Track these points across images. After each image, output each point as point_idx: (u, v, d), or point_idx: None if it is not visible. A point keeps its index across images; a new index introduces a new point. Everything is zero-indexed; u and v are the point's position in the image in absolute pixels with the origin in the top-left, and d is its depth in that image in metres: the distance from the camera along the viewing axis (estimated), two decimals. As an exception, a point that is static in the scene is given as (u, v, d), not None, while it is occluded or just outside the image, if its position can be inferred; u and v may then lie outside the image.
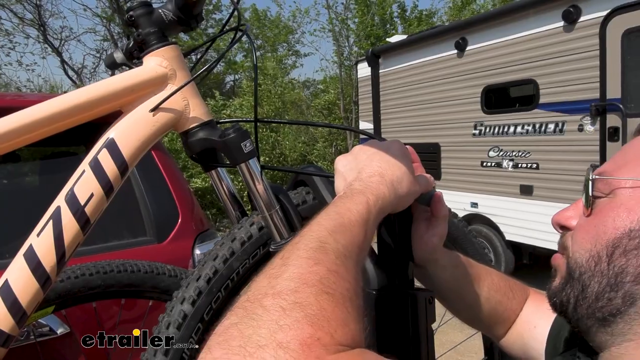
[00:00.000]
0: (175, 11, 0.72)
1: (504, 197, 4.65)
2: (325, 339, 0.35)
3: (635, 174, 0.49)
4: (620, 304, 0.47)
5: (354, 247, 0.47)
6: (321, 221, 0.48)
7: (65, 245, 0.64)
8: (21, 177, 2.47)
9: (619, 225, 0.48)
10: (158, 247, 1.75)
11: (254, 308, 0.37)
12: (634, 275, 0.46)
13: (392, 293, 0.73)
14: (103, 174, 0.67)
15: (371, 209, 0.52)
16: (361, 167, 0.60)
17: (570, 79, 4.02)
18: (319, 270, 0.41)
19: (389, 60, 5.96)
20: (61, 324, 1.45)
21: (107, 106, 0.69)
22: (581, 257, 0.51)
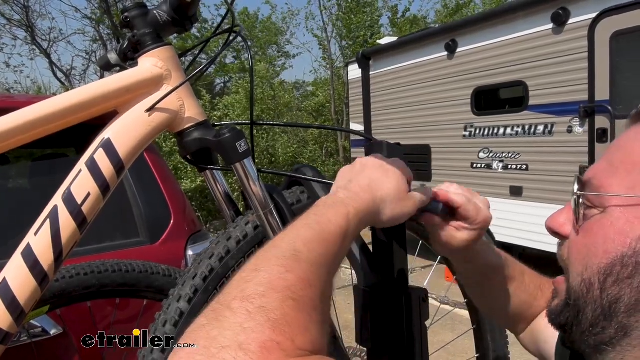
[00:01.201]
0: (170, 12, 0.73)
1: (494, 198, 4.68)
2: (285, 343, 0.36)
3: (625, 187, 0.45)
4: (614, 334, 0.45)
5: (329, 257, 0.48)
6: (300, 230, 0.49)
7: (62, 243, 0.65)
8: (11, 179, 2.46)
9: (610, 249, 0.45)
10: (151, 247, 1.75)
11: (223, 310, 0.39)
12: (627, 306, 0.44)
13: (386, 291, 0.74)
14: (99, 173, 0.67)
15: (350, 222, 0.53)
16: (353, 177, 0.60)
17: (559, 81, 4.08)
18: (289, 277, 0.42)
19: (380, 62, 5.99)
20: (54, 325, 1.45)
21: (103, 106, 0.70)
22: (574, 281, 0.49)
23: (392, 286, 0.75)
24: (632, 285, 0.43)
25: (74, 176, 0.67)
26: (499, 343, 1.15)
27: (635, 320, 0.43)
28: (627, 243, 0.44)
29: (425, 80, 5.33)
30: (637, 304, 0.43)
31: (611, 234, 0.45)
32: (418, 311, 0.76)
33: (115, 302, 1.09)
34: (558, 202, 4.11)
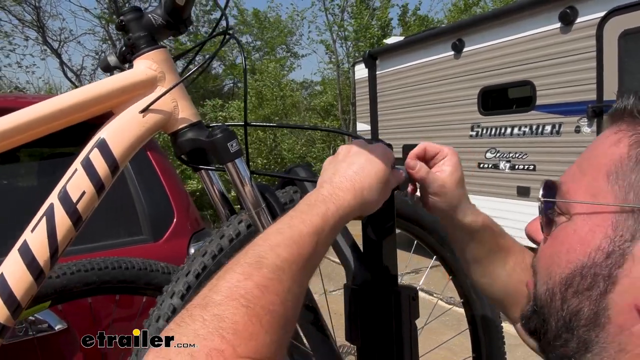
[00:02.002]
0: (164, 16, 0.75)
1: (501, 198, 4.67)
2: (227, 351, 0.38)
3: (589, 193, 0.44)
4: (576, 348, 0.43)
5: (299, 259, 0.49)
6: (269, 235, 0.51)
7: (58, 240, 0.67)
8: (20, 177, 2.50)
9: (571, 258, 0.43)
10: (154, 245, 1.77)
11: (186, 317, 0.42)
12: (587, 319, 0.42)
13: (375, 289, 0.75)
14: (94, 172, 0.69)
15: (329, 219, 0.54)
16: (337, 169, 0.61)
17: (567, 81, 4.05)
18: (246, 284, 0.44)
19: (386, 62, 5.98)
20: (59, 320, 1.47)
21: (98, 107, 0.72)
22: (540, 288, 0.47)
23: (381, 285, 0.76)
24: (590, 297, 0.42)
25: (69, 175, 0.69)
26: (495, 343, 1.16)
27: (596, 335, 0.42)
28: (587, 253, 0.42)
29: (432, 80, 5.32)
30: (596, 317, 0.41)
31: (574, 242, 0.44)
32: (407, 310, 0.77)
33: (115, 298, 1.12)
34: (565, 202, 4.07)
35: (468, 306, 1.14)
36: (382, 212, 0.77)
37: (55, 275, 0.97)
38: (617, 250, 0.40)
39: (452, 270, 1.10)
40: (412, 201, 0.79)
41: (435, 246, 1.07)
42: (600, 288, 0.41)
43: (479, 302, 1.13)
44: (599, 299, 0.41)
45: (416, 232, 1.05)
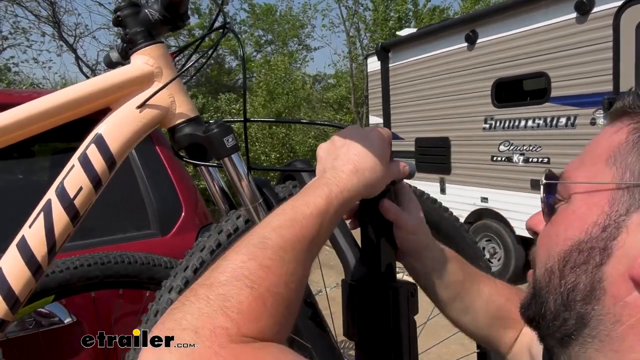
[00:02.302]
0: (161, 11, 0.74)
1: (515, 191, 4.61)
2: (232, 329, 0.39)
3: (587, 176, 0.46)
4: (574, 324, 0.44)
5: (302, 240, 0.49)
6: (273, 217, 0.51)
7: (55, 236, 0.67)
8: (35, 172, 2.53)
9: (569, 235, 0.45)
10: (162, 240, 1.79)
11: (190, 296, 0.43)
12: (583, 293, 0.43)
13: (373, 285, 0.75)
14: (92, 168, 0.70)
15: (332, 201, 0.54)
16: (338, 154, 0.61)
17: (582, 72, 3.97)
18: (250, 265, 0.44)
19: (399, 54, 5.93)
20: (69, 314, 1.50)
21: (95, 103, 0.72)
22: (539, 270, 0.48)
23: (379, 280, 0.75)
24: (586, 271, 0.43)
25: (67, 171, 0.70)
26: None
27: (592, 308, 0.42)
28: (584, 229, 0.43)
29: (445, 72, 5.26)
30: (592, 290, 0.42)
31: (572, 220, 0.45)
32: (406, 306, 0.77)
33: (118, 292, 1.13)
34: (580, 196, 4.01)
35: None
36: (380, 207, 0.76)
37: (58, 269, 0.98)
38: (613, 223, 0.42)
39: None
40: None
41: (439, 240, 1.06)
42: (595, 260, 0.42)
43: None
44: (594, 271, 0.42)
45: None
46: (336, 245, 0.76)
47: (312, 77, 14.89)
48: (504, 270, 4.79)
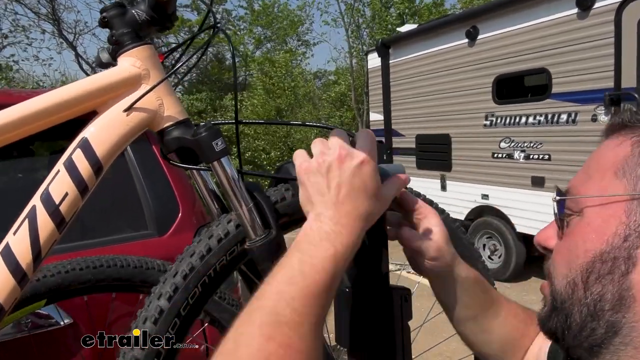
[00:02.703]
0: (148, 11, 0.73)
1: (515, 188, 4.59)
2: None
3: (598, 189, 0.47)
4: (604, 334, 0.44)
5: (317, 309, 0.48)
6: (282, 285, 0.49)
7: (40, 243, 0.66)
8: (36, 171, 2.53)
9: (589, 247, 0.45)
10: (159, 240, 1.77)
11: None
12: (612, 302, 0.43)
13: (365, 291, 0.73)
14: (77, 173, 0.68)
15: (339, 262, 0.52)
16: (324, 190, 0.56)
17: (584, 68, 3.94)
18: (269, 347, 0.43)
19: (399, 51, 5.90)
20: (65, 316, 1.49)
21: (81, 107, 0.70)
22: (560, 283, 0.49)
23: (371, 285, 0.74)
24: (613, 280, 0.43)
25: (52, 176, 0.68)
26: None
27: (622, 316, 0.43)
28: (604, 240, 0.44)
29: (446, 69, 5.23)
30: (621, 299, 0.43)
31: (589, 233, 0.46)
32: (399, 311, 0.75)
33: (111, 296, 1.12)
34: (581, 193, 3.99)
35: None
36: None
37: (49, 274, 0.97)
38: (634, 232, 0.43)
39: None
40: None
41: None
42: (621, 269, 0.43)
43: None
44: (621, 280, 0.43)
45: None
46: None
47: (312, 74, 14.86)
48: (504, 268, 4.78)
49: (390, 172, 0.73)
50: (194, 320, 0.78)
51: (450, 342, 1.58)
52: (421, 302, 0.80)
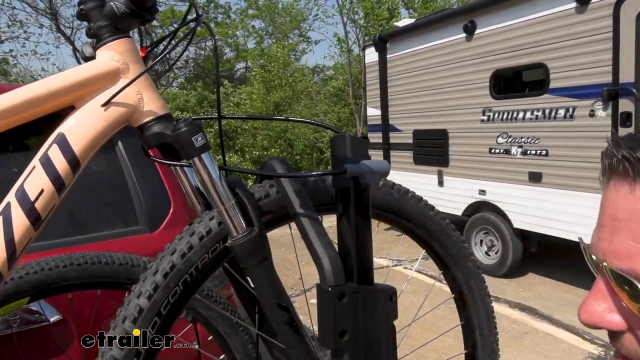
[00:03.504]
0: (127, 4, 0.71)
1: (513, 184, 4.58)
2: None
3: None
4: None
5: None
6: None
7: (15, 241, 0.65)
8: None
9: None
10: (150, 236, 1.76)
11: None
12: None
13: (350, 289, 0.72)
14: (53, 169, 0.67)
15: None
16: None
17: (581, 63, 3.92)
18: None
19: (397, 45, 5.87)
20: (56, 312, 1.48)
21: (57, 101, 0.69)
22: None
23: (356, 284, 0.73)
24: None
25: (27, 173, 0.67)
26: (487, 339, 1.12)
27: None
28: None
29: (443, 63, 5.20)
30: None
31: None
32: (384, 311, 0.74)
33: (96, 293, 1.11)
34: (579, 188, 3.98)
35: (460, 301, 1.10)
36: (356, 209, 0.74)
37: (32, 271, 0.96)
38: None
39: (442, 264, 1.06)
40: None
41: (425, 239, 1.03)
42: None
43: (471, 297, 1.09)
44: None
45: (404, 226, 1.01)
46: (310, 247, 0.74)
47: (310, 69, 14.79)
48: (501, 264, 4.77)
49: (375, 169, 0.72)
50: (175, 319, 0.76)
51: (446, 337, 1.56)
52: (417, 297, 0.78)
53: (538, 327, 3.78)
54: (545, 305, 4.15)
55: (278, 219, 0.82)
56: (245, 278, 0.84)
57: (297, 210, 0.76)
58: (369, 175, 0.70)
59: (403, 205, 0.96)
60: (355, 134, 9.72)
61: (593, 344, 3.46)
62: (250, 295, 0.88)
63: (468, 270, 1.05)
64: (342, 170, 0.70)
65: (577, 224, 3.97)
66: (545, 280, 4.75)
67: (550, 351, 3.40)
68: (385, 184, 0.90)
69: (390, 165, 0.72)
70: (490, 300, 1.10)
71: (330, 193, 0.80)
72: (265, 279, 0.75)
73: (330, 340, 0.71)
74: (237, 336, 1.12)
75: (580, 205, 3.96)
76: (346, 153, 0.73)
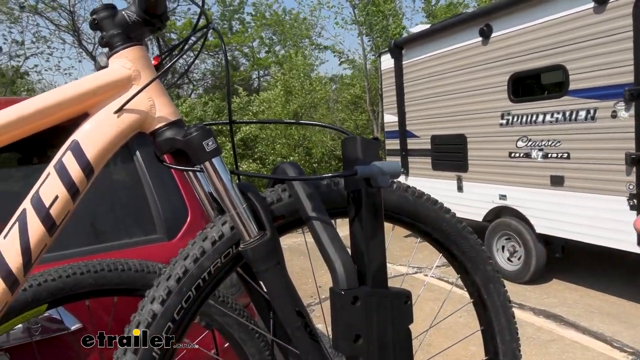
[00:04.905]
0: (138, 12, 0.72)
1: (534, 188, 4.50)
2: None
3: None
4: None
5: None
6: None
7: (31, 248, 0.66)
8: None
9: None
10: (168, 244, 1.78)
11: None
12: None
13: (363, 293, 0.71)
14: (68, 176, 0.68)
15: None
16: None
17: (601, 63, 3.84)
18: None
19: (412, 51, 5.85)
20: (76, 320, 1.50)
21: (71, 109, 0.70)
22: None
23: (369, 288, 0.72)
24: None
25: (42, 180, 0.68)
26: (509, 345, 1.09)
27: None
28: None
29: (459, 68, 5.17)
30: None
31: None
32: (399, 315, 0.73)
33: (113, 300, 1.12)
34: (602, 191, 3.89)
35: (480, 306, 1.08)
36: (368, 211, 0.73)
37: (50, 278, 0.97)
38: None
39: (460, 268, 1.04)
40: None
41: (441, 242, 1.01)
42: None
43: (491, 302, 1.06)
44: None
45: (420, 229, 0.99)
46: (323, 250, 0.73)
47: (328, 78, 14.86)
48: (524, 270, 4.67)
49: (386, 170, 0.71)
50: (189, 324, 0.76)
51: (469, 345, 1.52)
52: (438, 305, 0.77)
53: (564, 334, 3.68)
54: (571, 312, 4.04)
55: (291, 223, 0.81)
56: (259, 283, 0.84)
57: (310, 213, 0.76)
58: (380, 177, 0.69)
59: (418, 208, 0.94)
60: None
61: (622, 351, 3.35)
62: (265, 300, 0.88)
63: (487, 274, 1.02)
64: (352, 172, 0.70)
65: (601, 227, 3.87)
66: (570, 286, 4.63)
67: (578, 359, 3.31)
68: (399, 186, 0.89)
69: (401, 166, 0.71)
70: (510, 305, 1.07)
71: (344, 196, 0.79)
72: (278, 283, 0.74)
73: (345, 345, 0.70)
74: (253, 343, 1.12)
75: (603, 209, 3.86)
76: (357, 155, 0.72)
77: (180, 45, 0.85)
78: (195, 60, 7.15)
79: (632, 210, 3.61)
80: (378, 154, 0.73)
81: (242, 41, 13.52)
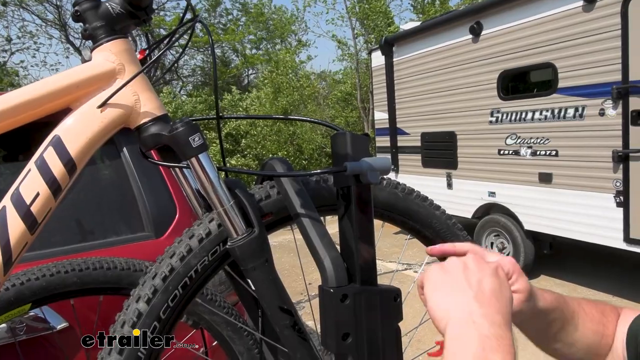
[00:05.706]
0: (122, 4, 0.70)
1: (523, 185, 4.53)
2: None
3: None
4: None
5: None
6: None
7: (11, 245, 0.64)
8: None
9: None
10: (156, 242, 1.75)
11: None
12: None
13: (352, 291, 0.70)
14: (49, 172, 0.66)
15: None
16: (478, 297, 0.55)
17: (590, 61, 3.87)
18: None
19: (403, 48, 5.85)
20: (62, 320, 1.47)
21: (53, 104, 0.68)
22: None
23: (358, 286, 0.71)
24: None
25: (23, 176, 0.66)
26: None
27: None
28: None
29: (450, 65, 5.18)
30: None
31: None
32: (388, 312, 0.72)
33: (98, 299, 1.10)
34: (590, 188, 3.92)
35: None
36: (358, 207, 0.72)
37: (34, 277, 0.95)
38: None
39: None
40: None
41: (431, 239, 1.00)
42: None
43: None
44: None
45: (410, 226, 0.98)
46: (312, 247, 0.72)
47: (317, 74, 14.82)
48: (513, 266, 4.70)
49: (376, 166, 0.70)
50: (176, 323, 0.75)
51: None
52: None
53: None
54: (559, 308, 4.07)
55: (280, 220, 0.80)
56: (247, 281, 0.82)
57: (298, 210, 0.75)
58: (370, 173, 0.68)
59: (408, 205, 0.94)
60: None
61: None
62: (253, 298, 0.87)
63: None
64: (342, 169, 0.69)
65: (589, 224, 3.91)
66: (558, 282, 4.67)
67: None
68: (389, 183, 0.88)
69: (391, 162, 0.70)
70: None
71: (333, 193, 0.78)
72: (266, 281, 0.73)
73: (333, 343, 0.69)
74: (241, 341, 1.10)
75: (591, 206, 3.90)
76: (347, 151, 0.71)
77: (167, 39, 0.83)
78: (183, 55, 7.08)
79: (618, 207, 3.65)
80: (368, 150, 0.72)
81: (233, 39, 13.45)
